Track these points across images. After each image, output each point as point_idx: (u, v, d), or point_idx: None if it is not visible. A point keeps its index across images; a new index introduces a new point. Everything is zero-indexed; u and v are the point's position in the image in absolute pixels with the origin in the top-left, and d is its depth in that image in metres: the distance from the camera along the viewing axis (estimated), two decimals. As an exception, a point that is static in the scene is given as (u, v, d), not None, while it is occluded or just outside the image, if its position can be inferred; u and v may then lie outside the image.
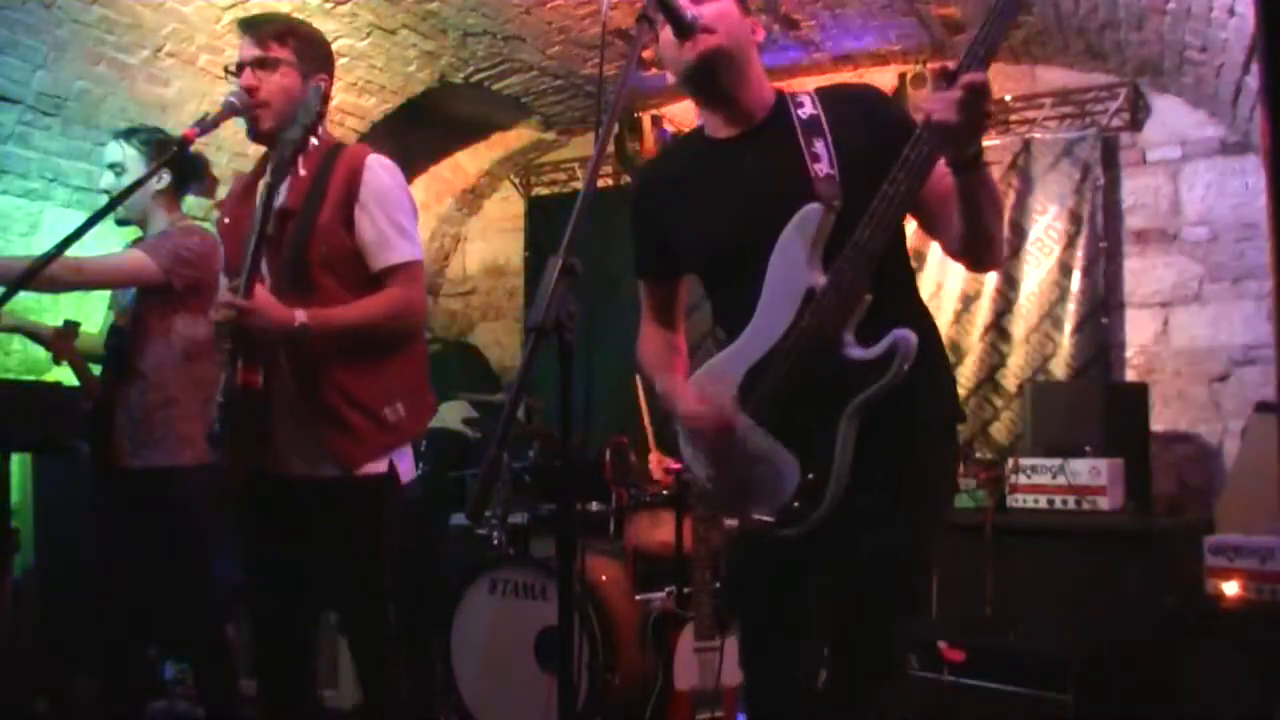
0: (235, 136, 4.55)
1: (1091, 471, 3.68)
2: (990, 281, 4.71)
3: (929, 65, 4.71)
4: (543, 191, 6.13)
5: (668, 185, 2.02)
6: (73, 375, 3.01)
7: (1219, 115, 4.34)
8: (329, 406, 2.21)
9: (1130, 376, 4.53)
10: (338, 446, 2.22)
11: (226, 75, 2.32)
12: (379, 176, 2.27)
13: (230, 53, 4.21)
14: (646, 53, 4.84)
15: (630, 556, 3.93)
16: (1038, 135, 4.71)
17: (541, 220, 6.05)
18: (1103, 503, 3.65)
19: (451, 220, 6.31)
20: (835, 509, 1.74)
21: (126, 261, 2.80)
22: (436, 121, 5.32)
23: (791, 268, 1.76)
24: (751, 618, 2.03)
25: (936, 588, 3.60)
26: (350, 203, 2.22)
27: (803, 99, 1.88)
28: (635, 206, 2.05)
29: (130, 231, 3.05)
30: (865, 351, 1.70)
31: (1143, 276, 4.58)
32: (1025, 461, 3.84)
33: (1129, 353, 4.58)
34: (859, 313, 1.71)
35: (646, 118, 5.40)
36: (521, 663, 3.47)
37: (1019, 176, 4.71)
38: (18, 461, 3.55)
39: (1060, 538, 3.61)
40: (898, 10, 4.48)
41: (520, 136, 5.86)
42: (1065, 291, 4.60)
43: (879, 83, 4.99)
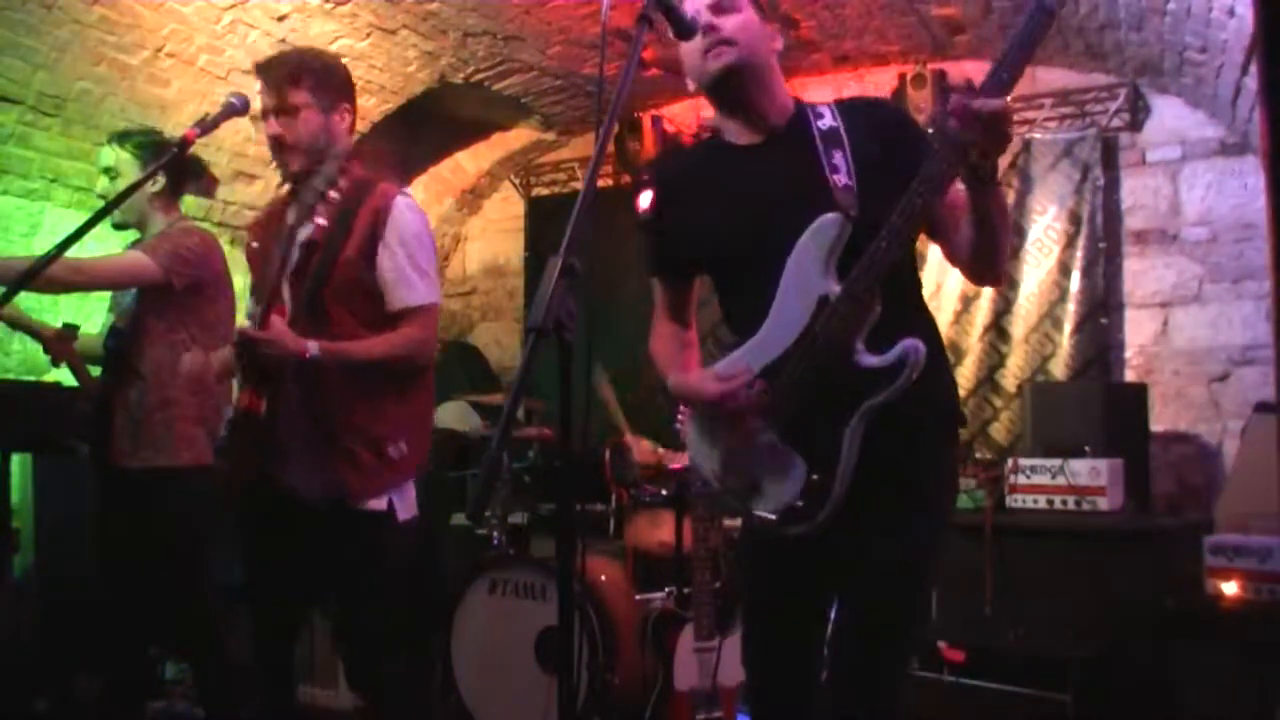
0: (235, 136, 4.57)
1: (1091, 472, 3.68)
2: (990, 282, 4.71)
3: (928, 66, 4.71)
4: (543, 191, 6.13)
5: (685, 187, 2.04)
6: (72, 376, 3.02)
7: (1218, 116, 4.35)
8: (336, 438, 2.26)
9: (1130, 377, 4.53)
10: (341, 478, 2.26)
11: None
12: (405, 217, 2.32)
13: (230, 53, 4.21)
14: (646, 53, 4.86)
15: (630, 556, 3.93)
16: (1038, 135, 4.71)
17: (541, 220, 6.05)
18: (1102, 503, 3.65)
19: (451, 220, 6.31)
20: (838, 511, 1.76)
21: (126, 262, 2.80)
22: (436, 121, 5.32)
23: (806, 274, 1.80)
24: (758, 619, 2.05)
25: (937, 588, 3.60)
26: (374, 240, 2.28)
27: (822, 110, 1.92)
28: (652, 205, 2.06)
29: (129, 234, 3.05)
30: (876, 359, 1.73)
31: (1142, 277, 4.58)
32: (1025, 462, 3.84)
33: (1128, 353, 4.59)
34: (870, 321, 1.75)
35: (646, 118, 5.40)
36: (521, 663, 3.47)
37: (1019, 177, 4.71)
38: (18, 461, 3.56)
39: (1060, 538, 3.60)
40: (898, 10, 4.48)
41: (520, 136, 5.86)
42: (1065, 292, 4.60)
43: (879, 83, 5.01)
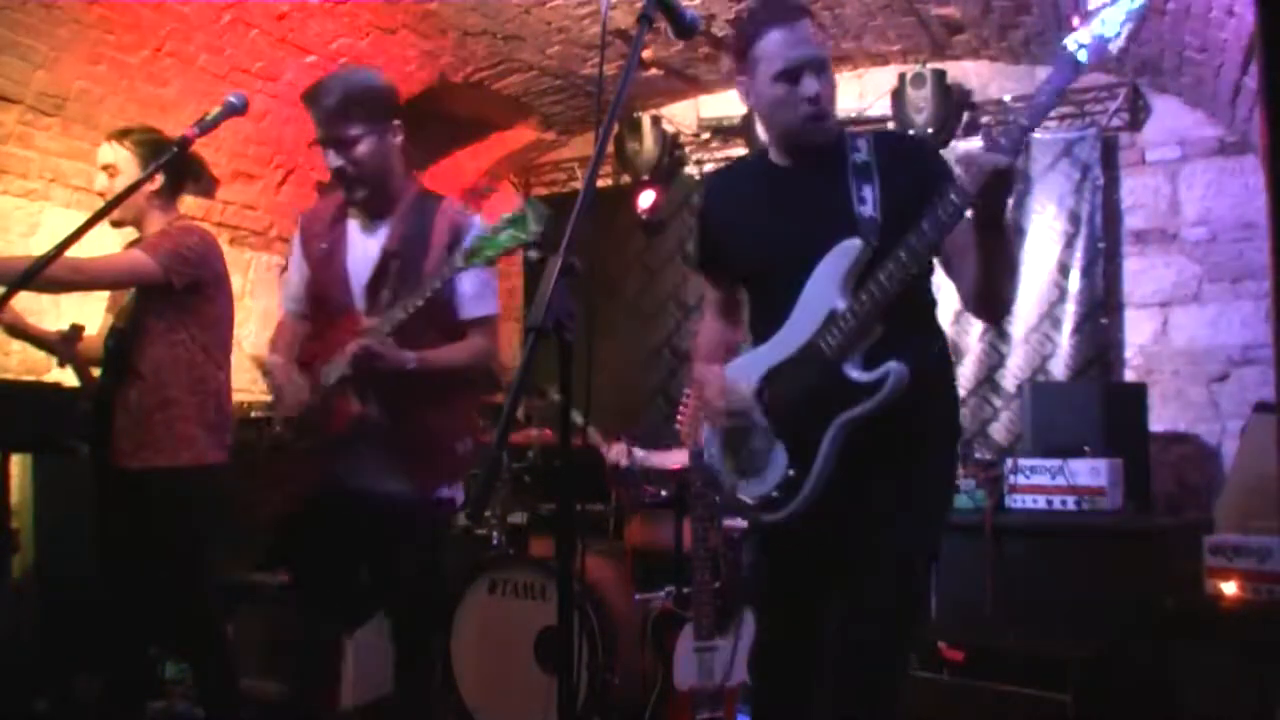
0: (235, 136, 4.57)
1: (1091, 472, 3.68)
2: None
3: (928, 65, 4.71)
4: (542, 191, 6.12)
5: (731, 198, 2.21)
6: (74, 376, 3.01)
7: (1218, 115, 4.35)
8: (414, 437, 2.45)
9: (1129, 377, 4.53)
10: (417, 472, 2.47)
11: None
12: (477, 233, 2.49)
13: (230, 52, 4.21)
14: (646, 53, 4.86)
15: (630, 556, 3.93)
16: (1037, 135, 4.69)
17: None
18: (1102, 503, 3.64)
19: (451, 220, 6.30)
20: (809, 507, 1.93)
21: (126, 261, 2.79)
22: (436, 121, 5.32)
23: (822, 290, 1.96)
24: (760, 619, 2.19)
25: (936, 588, 3.60)
26: (454, 253, 2.39)
27: (860, 143, 2.06)
28: (701, 209, 2.28)
29: (127, 233, 3.05)
30: (862, 374, 1.89)
31: (1142, 277, 4.58)
32: (1024, 462, 3.84)
33: (1128, 353, 4.59)
34: (870, 339, 1.90)
35: (646, 118, 5.41)
36: (521, 663, 3.47)
37: (1019, 176, 4.71)
38: (18, 461, 3.56)
39: (1060, 538, 3.60)
40: (897, 10, 4.48)
41: (520, 136, 5.86)
42: (1064, 292, 4.60)
43: (879, 83, 5.01)
